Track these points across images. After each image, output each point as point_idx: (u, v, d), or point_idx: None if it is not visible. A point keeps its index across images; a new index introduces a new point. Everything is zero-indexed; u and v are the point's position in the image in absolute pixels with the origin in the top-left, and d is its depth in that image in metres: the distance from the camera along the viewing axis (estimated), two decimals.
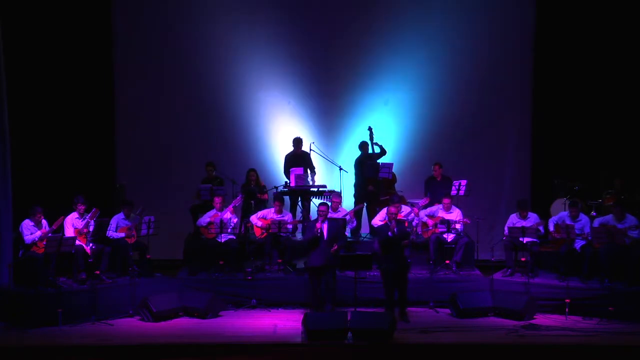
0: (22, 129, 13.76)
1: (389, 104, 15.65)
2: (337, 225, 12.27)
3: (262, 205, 14.07)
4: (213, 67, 15.49)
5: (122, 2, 15.34)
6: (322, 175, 15.16)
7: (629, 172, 14.56)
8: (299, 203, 14.46)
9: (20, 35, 14.17)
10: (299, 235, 13.85)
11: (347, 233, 13.38)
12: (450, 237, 13.13)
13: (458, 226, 13.17)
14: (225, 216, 13.07)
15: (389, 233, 11.68)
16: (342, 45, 15.56)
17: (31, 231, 11.91)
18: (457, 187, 13.91)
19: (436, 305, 12.47)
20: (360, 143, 14.62)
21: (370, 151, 14.47)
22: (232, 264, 13.00)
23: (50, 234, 11.86)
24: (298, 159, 14.54)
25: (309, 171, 14.47)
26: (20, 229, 12.00)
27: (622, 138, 15.00)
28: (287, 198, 14.45)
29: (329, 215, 12.71)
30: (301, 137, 14.70)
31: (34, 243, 11.88)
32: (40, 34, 14.58)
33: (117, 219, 12.84)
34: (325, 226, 11.98)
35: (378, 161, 14.36)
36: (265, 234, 13.17)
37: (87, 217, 12.30)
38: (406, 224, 12.41)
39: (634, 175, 14.49)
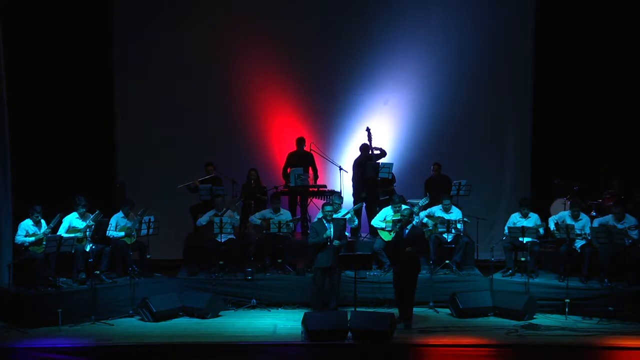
0: (22, 128, 13.75)
1: (388, 104, 15.66)
2: (340, 225, 12.24)
3: (262, 205, 14.06)
4: (213, 66, 15.49)
5: (122, 2, 15.34)
6: (322, 175, 15.13)
7: (629, 172, 14.56)
8: (299, 203, 14.44)
9: (21, 35, 14.16)
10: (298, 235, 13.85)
11: (348, 232, 13.38)
12: (450, 237, 13.13)
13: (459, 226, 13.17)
14: (224, 216, 13.07)
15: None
16: (342, 45, 15.58)
17: (27, 232, 11.85)
18: (457, 187, 13.91)
19: (436, 305, 12.48)
20: (362, 145, 14.56)
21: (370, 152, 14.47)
22: (232, 264, 13.00)
23: (49, 234, 11.85)
24: (301, 158, 14.51)
25: (311, 172, 14.44)
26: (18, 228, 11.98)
27: (622, 138, 15.00)
28: (286, 197, 14.44)
29: None
30: (304, 137, 14.66)
31: (22, 244, 11.85)
32: (40, 34, 14.57)
33: (117, 218, 12.83)
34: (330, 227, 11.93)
35: (378, 161, 14.35)
36: (265, 234, 13.16)
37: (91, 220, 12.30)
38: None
39: (634, 175, 14.48)
